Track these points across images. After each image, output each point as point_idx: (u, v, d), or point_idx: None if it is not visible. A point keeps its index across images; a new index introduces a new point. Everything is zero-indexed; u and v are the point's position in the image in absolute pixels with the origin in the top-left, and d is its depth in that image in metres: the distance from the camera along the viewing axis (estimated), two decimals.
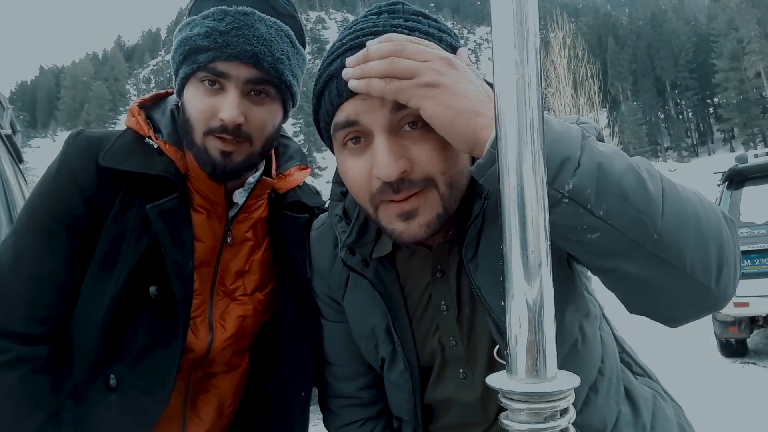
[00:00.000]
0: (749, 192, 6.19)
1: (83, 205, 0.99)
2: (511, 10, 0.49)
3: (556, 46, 32.05)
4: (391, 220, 0.81)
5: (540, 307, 0.50)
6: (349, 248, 0.93)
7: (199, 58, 0.96)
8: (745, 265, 5.78)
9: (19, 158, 4.39)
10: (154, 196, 0.99)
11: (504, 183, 0.51)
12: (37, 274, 0.97)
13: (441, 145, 0.78)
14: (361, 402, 1.09)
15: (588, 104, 32.83)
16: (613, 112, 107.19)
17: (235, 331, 1.09)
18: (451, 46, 0.82)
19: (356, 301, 1.00)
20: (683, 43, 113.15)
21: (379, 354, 0.99)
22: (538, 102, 0.50)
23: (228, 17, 0.95)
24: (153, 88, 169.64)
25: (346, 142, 0.82)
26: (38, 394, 0.95)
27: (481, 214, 0.84)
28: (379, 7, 0.84)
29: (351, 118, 0.78)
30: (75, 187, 0.99)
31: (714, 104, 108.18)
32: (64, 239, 0.98)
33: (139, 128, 1.05)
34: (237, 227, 1.11)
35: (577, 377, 0.52)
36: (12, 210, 3.91)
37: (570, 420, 0.51)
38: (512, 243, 0.50)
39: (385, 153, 0.76)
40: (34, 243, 0.98)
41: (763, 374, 5.83)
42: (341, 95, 0.78)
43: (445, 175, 0.79)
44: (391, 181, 0.76)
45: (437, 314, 0.94)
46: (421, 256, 0.95)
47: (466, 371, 0.95)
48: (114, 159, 0.99)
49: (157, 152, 1.03)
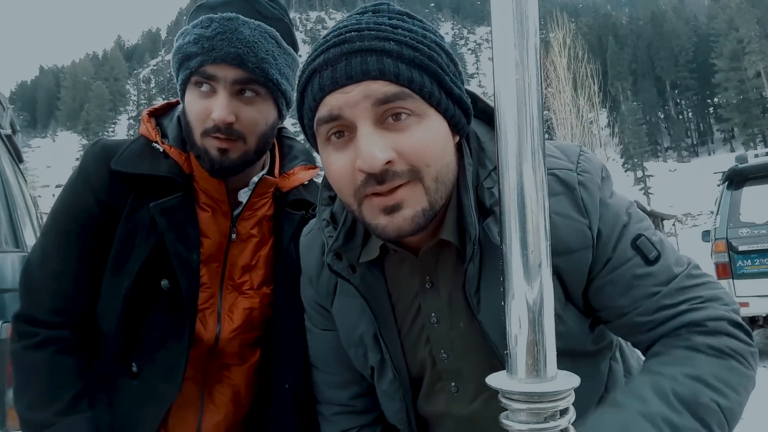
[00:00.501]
0: (749, 192, 6.19)
1: (97, 207, 1.09)
2: (511, 10, 0.49)
3: (556, 46, 32.07)
4: (375, 215, 0.80)
5: (540, 307, 0.50)
6: (335, 253, 0.91)
7: (190, 64, 1.04)
8: (745, 265, 5.79)
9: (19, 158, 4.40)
10: (161, 196, 1.08)
11: (504, 183, 0.51)
12: (59, 269, 1.09)
13: (426, 137, 0.78)
14: (355, 410, 1.07)
15: (588, 104, 32.86)
16: (613, 112, 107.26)
17: (242, 322, 1.16)
18: (436, 43, 0.81)
19: (344, 308, 0.99)
20: (683, 43, 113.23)
21: (368, 362, 0.98)
22: (538, 102, 0.50)
23: (214, 23, 1.03)
24: (153, 88, 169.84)
25: (330, 137, 0.81)
26: (64, 372, 1.06)
27: (477, 248, 0.82)
28: (364, 8, 0.84)
29: (334, 112, 0.77)
30: (90, 190, 1.09)
31: (714, 104, 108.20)
32: (82, 238, 1.09)
33: (148, 134, 1.14)
34: (242, 224, 1.18)
35: (577, 377, 0.52)
36: (12, 210, 3.92)
37: (570, 420, 0.51)
38: (512, 243, 0.50)
39: (369, 144, 0.75)
40: (57, 242, 1.10)
41: (763, 374, 5.83)
42: (323, 89, 0.78)
43: (430, 168, 0.78)
44: (375, 172, 0.75)
45: (427, 326, 0.93)
46: (409, 264, 0.93)
47: (458, 385, 0.94)
48: (124, 163, 1.09)
49: (163, 155, 1.11)
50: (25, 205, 4.52)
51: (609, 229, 0.86)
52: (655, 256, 0.86)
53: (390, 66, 0.75)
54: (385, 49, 0.76)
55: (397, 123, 0.77)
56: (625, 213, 0.88)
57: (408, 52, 0.76)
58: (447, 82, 0.80)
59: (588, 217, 0.85)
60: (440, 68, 0.79)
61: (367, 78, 0.75)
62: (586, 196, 0.85)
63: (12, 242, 3.80)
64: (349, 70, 0.75)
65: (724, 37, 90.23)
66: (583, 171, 0.87)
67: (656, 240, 0.87)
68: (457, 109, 0.83)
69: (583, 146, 0.94)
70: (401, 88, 0.76)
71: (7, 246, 3.73)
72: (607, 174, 0.91)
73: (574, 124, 30.83)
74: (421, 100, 0.78)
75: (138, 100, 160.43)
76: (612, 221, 0.86)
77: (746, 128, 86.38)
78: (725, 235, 5.96)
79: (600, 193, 0.87)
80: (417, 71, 0.77)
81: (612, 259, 0.86)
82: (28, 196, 4.96)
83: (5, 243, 3.73)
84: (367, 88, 0.75)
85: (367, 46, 0.76)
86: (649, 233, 0.88)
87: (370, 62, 0.75)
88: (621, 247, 0.86)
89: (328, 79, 0.77)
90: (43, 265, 1.10)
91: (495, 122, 0.52)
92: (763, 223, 5.85)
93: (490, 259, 0.85)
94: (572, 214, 0.85)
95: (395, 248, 0.91)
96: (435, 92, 0.79)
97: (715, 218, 6.25)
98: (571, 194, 0.85)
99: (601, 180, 0.88)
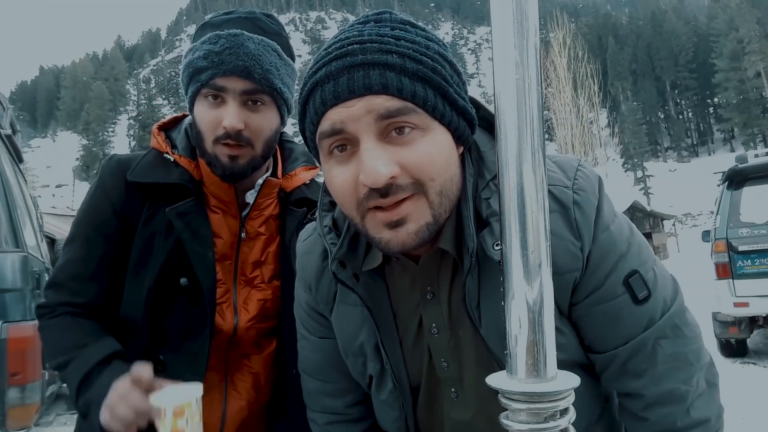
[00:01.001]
0: (749, 192, 6.19)
1: (114, 216, 1.20)
2: (511, 10, 0.49)
3: (556, 46, 32.06)
4: (379, 229, 0.79)
5: (540, 307, 0.50)
6: (339, 261, 0.89)
7: (201, 77, 1.13)
8: (745, 265, 5.79)
9: (19, 158, 4.40)
10: (174, 202, 1.18)
11: (504, 183, 0.51)
12: (80, 271, 1.19)
13: (430, 151, 0.76)
14: (350, 418, 1.06)
15: (588, 104, 32.85)
16: (613, 112, 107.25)
17: (257, 313, 1.26)
18: (440, 54, 0.79)
19: (344, 316, 0.97)
20: (683, 43, 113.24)
21: (366, 372, 0.96)
22: (538, 102, 0.50)
23: (221, 40, 1.12)
24: (153, 88, 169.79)
25: (332, 150, 0.79)
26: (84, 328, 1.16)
27: (475, 262, 0.81)
28: (366, 17, 0.83)
29: (336, 126, 0.76)
30: (107, 201, 1.20)
31: (714, 104, 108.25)
32: (101, 245, 1.20)
33: (159, 146, 1.24)
34: (250, 223, 1.28)
35: (577, 377, 0.52)
36: (12, 210, 3.92)
37: (570, 420, 0.51)
38: (512, 243, 0.50)
39: (372, 159, 0.74)
40: (79, 250, 1.21)
41: (763, 374, 5.83)
42: (325, 104, 0.77)
43: (434, 182, 0.77)
44: (379, 187, 0.74)
45: (428, 336, 0.92)
46: (410, 274, 0.92)
47: (458, 391, 0.93)
48: (139, 174, 1.20)
49: (174, 164, 1.21)
50: (25, 205, 4.53)
51: (602, 255, 0.83)
52: (644, 296, 0.84)
53: (393, 80, 0.74)
54: (388, 62, 0.74)
55: (400, 137, 0.76)
56: (625, 242, 0.85)
57: (411, 65, 0.75)
58: (451, 94, 0.79)
59: (581, 240, 0.82)
60: (444, 80, 0.78)
61: (369, 92, 0.74)
62: (580, 217, 0.83)
63: (12, 242, 3.80)
64: (351, 84, 0.74)
65: (724, 37, 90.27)
66: (580, 189, 0.84)
67: (650, 277, 0.85)
68: (462, 120, 0.82)
69: (582, 160, 0.91)
70: (405, 103, 0.75)
71: (7, 246, 3.74)
72: (603, 192, 0.87)
73: (574, 124, 30.83)
74: (425, 114, 0.76)
75: (138, 100, 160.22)
76: (607, 248, 0.84)
77: (746, 128, 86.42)
78: (725, 235, 5.96)
79: (597, 215, 0.84)
80: (420, 84, 0.76)
81: (599, 290, 0.84)
82: (28, 196, 4.96)
83: (5, 243, 3.74)
84: (370, 102, 0.74)
85: (370, 60, 0.74)
86: (645, 268, 0.85)
87: (373, 76, 0.74)
88: (612, 280, 0.84)
89: (330, 93, 0.76)
90: (66, 269, 1.20)
91: (495, 122, 0.52)
92: (763, 223, 5.85)
93: (487, 270, 0.84)
94: (565, 235, 0.82)
95: (397, 256, 0.90)
96: (439, 105, 0.77)
97: (715, 218, 6.25)
98: (566, 213, 0.83)
99: (598, 200, 0.85)
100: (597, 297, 0.84)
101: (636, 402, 0.87)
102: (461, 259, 0.84)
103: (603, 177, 0.91)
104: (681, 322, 0.86)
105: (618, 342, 0.85)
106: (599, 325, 0.85)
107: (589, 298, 0.85)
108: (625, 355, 0.85)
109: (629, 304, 0.84)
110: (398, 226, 0.77)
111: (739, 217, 6.01)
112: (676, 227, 49.68)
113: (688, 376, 0.85)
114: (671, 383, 0.84)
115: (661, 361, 0.84)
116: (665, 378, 0.84)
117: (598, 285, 0.84)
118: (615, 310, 0.84)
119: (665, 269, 0.91)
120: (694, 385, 0.85)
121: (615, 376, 0.87)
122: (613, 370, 0.87)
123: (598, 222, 0.84)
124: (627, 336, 0.84)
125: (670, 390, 0.84)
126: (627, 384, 0.87)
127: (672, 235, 42.65)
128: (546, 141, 0.53)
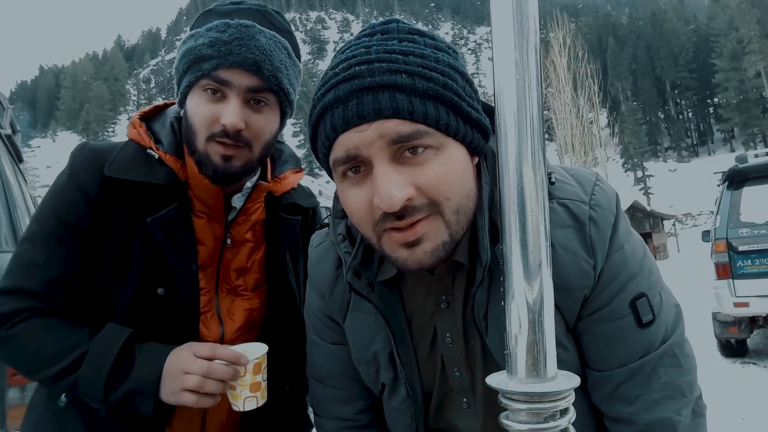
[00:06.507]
0: (749, 192, 6.18)
1: (90, 211, 1.06)
2: (511, 10, 0.49)
3: (556, 46, 32.06)
4: (395, 249, 0.78)
5: (540, 307, 0.50)
6: (354, 271, 0.88)
7: (203, 66, 1.02)
8: (745, 265, 5.78)
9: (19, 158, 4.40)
10: (156, 207, 1.06)
11: (504, 183, 0.51)
12: (49, 276, 1.04)
13: (445, 170, 0.75)
14: (360, 424, 1.05)
15: (588, 104, 32.85)
16: (613, 112, 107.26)
17: (244, 323, 1.18)
18: (450, 66, 0.78)
19: (358, 324, 0.96)
20: (683, 43, 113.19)
21: (379, 379, 0.96)
22: (538, 102, 0.50)
23: (231, 29, 1.02)
24: (153, 88, 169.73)
25: (346, 173, 0.79)
26: (65, 324, 1.04)
27: (487, 274, 0.80)
28: (373, 27, 0.81)
29: (351, 153, 0.75)
30: (82, 195, 1.06)
31: (714, 104, 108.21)
32: (72, 243, 1.06)
33: (141, 139, 1.11)
34: (236, 229, 1.18)
35: (577, 377, 0.52)
36: (12, 210, 3.92)
37: (570, 420, 0.51)
38: (512, 243, 0.50)
39: (386, 183, 0.72)
40: (45, 250, 1.05)
41: (763, 374, 5.83)
42: (336, 129, 0.75)
43: (450, 201, 0.76)
44: (394, 211, 0.73)
45: (442, 345, 0.92)
46: (425, 283, 0.91)
47: (469, 401, 0.93)
48: (119, 169, 1.06)
49: (158, 162, 1.08)
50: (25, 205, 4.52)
51: (614, 274, 0.82)
52: (648, 320, 0.83)
53: (403, 102, 0.72)
54: (397, 83, 0.72)
55: (414, 157, 0.74)
56: (637, 263, 0.84)
57: (421, 83, 0.73)
58: (464, 108, 0.77)
59: (594, 257, 0.81)
60: (456, 95, 0.76)
61: (380, 117, 0.72)
62: (595, 234, 0.81)
63: (12, 242, 3.80)
64: (360, 109, 0.73)
65: (724, 37, 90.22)
66: (597, 205, 0.83)
67: (656, 302, 0.84)
68: (476, 133, 0.80)
69: (600, 175, 0.89)
70: (416, 126, 0.73)
71: (7, 246, 3.73)
72: (620, 209, 0.86)
73: (574, 124, 30.84)
74: (438, 133, 0.75)
75: (138, 100, 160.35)
76: (619, 268, 0.83)
77: (746, 128, 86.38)
78: (725, 235, 5.95)
79: (613, 232, 0.83)
80: (432, 103, 0.74)
81: (605, 308, 0.83)
82: (28, 196, 4.96)
83: (5, 243, 3.73)
84: (382, 127, 0.72)
85: (378, 82, 0.72)
86: (653, 293, 0.84)
87: (383, 100, 0.72)
88: (619, 300, 0.83)
89: (340, 119, 0.74)
90: (32, 273, 1.04)
91: (495, 122, 0.52)
92: (763, 223, 5.85)
93: (498, 281, 0.82)
94: (578, 251, 0.81)
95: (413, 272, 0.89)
96: (452, 122, 0.76)
97: (715, 218, 6.25)
98: (581, 229, 0.82)
99: (615, 217, 0.84)
100: (601, 315, 0.84)
101: (626, 428, 0.86)
102: (475, 270, 0.84)
103: (603, 177, 0.90)
104: (680, 352, 0.86)
105: (615, 363, 0.84)
106: (599, 344, 0.85)
107: (594, 315, 0.84)
108: (619, 378, 0.84)
109: (632, 326, 0.83)
110: (415, 246, 0.76)
111: (739, 217, 6.00)
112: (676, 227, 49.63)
113: (680, 407, 0.85)
114: (663, 412, 0.84)
115: (656, 389, 0.83)
116: (658, 406, 0.84)
117: (605, 303, 0.83)
118: (617, 331, 0.83)
119: (672, 295, 0.90)
120: (684, 416, 0.85)
121: (606, 398, 0.87)
122: (605, 390, 0.86)
123: (614, 240, 0.83)
124: (624, 359, 0.84)
125: (662, 419, 0.84)
126: (618, 409, 0.86)
127: (672, 235, 42.63)
128: (546, 141, 0.53)
